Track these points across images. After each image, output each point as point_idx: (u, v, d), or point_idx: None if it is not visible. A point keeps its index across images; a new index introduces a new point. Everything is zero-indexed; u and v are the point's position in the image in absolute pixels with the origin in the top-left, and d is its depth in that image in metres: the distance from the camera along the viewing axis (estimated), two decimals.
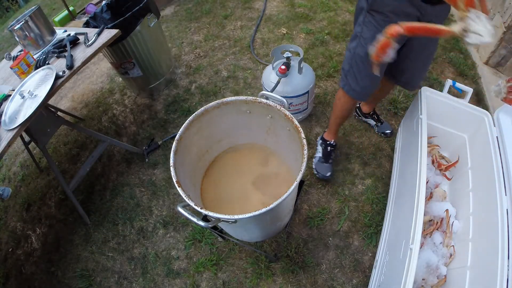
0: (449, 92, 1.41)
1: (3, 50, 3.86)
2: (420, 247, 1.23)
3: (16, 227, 1.88)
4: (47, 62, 1.58)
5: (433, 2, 1.05)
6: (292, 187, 0.89)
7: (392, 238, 1.25)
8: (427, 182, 1.46)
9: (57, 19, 3.34)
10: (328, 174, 1.65)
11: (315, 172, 1.67)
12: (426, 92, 1.38)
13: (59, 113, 1.94)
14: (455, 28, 0.70)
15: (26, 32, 1.66)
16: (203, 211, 0.88)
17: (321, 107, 2.03)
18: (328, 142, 1.69)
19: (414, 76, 1.37)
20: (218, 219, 0.89)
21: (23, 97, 1.40)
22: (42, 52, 1.68)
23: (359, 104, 1.85)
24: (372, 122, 1.84)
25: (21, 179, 2.14)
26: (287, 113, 1.06)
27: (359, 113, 1.88)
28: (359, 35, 1.21)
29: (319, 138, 1.75)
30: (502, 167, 1.15)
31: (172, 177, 0.97)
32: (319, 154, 1.69)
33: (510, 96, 1.03)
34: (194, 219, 0.91)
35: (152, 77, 2.23)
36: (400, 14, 1.10)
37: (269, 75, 1.72)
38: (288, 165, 1.35)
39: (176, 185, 0.94)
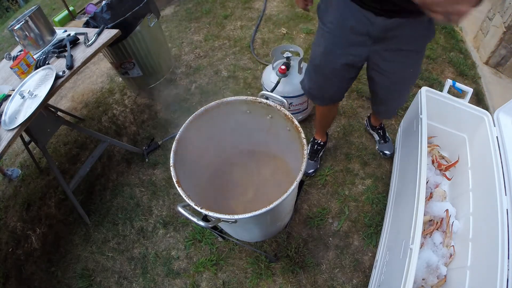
0: (449, 92, 1.41)
1: (3, 50, 3.86)
2: (420, 247, 1.24)
3: (16, 227, 1.88)
4: (47, 62, 1.58)
5: (390, 14, 0.89)
6: (292, 187, 0.89)
7: (392, 238, 1.25)
8: (427, 182, 1.46)
9: (57, 19, 3.34)
10: (311, 171, 1.69)
11: None
12: (426, 92, 1.38)
13: (59, 113, 1.94)
14: None
15: (26, 32, 1.66)
16: (203, 211, 0.88)
17: None
18: (316, 141, 1.71)
19: (385, 102, 1.32)
20: (218, 219, 0.89)
21: (23, 97, 1.40)
22: (42, 52, 1.68)
23: (370, 114, 1.80)
24: (377, 137, 1.77)
25: (21, 179, 2.14)
26: (287, 113, 1.06)
27: (368, 124, 1.82)
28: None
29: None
30: (502, 167, 1.15)
31: (172, 177, 0.97)
32: (307, 150, 1.70)
33: None
34: (194, 219, 0.92)
35: (152, 77, 2.23)
36: (342, 27, 0.99)
37: (269, 75, 1.72)
38: (288, 165, 1.35)
39: (176, 185, 0.94)
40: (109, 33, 1.64)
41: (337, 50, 1.08)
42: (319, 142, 1.70)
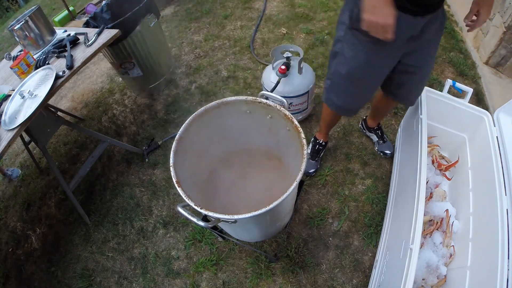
0: (449, 92, 1.41)
1: (3, 50, 3.86)
2: (420, 247, 1.24)
3: (16, 227, 1.88)
4: (47, 62, 1.58)
5: (423, 13, 0.95)
6: (292, 187, 0.89)
7: (392, 238, 1.25)
8: (427, 182, 1.46)
9: (57, 19, 3.34)
10: (312, 170, 1.69)
11: None
12: (426, 92, 1.38)
13: (59, 113, 1.94)
14: None
15: (26, 32, 1.66)
16: (203, 211, 0.88)
17: (321, 107, 2.02)
18: (318, 141, 1.71)
19: (412, 91, 1.31)
20: (218, 219, 0.89)
21: (23, 97, 1.40)
22: (42, 52, 1.68)
23: (365, 116, 1.80)
24: (375, 138, 1.76)
25: (21, 179, 2.14)
26: (287, 113, 1.06)
27: (364, 127, 1.81)
28: (340, 53, 1.13)
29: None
30: (502, 167, 1.15)
31: (172, 177, 0.97)
32: (308, 150, 1.71)
33: None
34: (194, 219, 0.92)
35: (152, 77, 2.23)
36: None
37: (269, 75, 1.72)
38: (288, 165, 1.35)
39: (176, 185, 0.95)
40: (109, 33, 1.64)
41: (385, 60, 1.09)
42: (321, 142, 1.70)
